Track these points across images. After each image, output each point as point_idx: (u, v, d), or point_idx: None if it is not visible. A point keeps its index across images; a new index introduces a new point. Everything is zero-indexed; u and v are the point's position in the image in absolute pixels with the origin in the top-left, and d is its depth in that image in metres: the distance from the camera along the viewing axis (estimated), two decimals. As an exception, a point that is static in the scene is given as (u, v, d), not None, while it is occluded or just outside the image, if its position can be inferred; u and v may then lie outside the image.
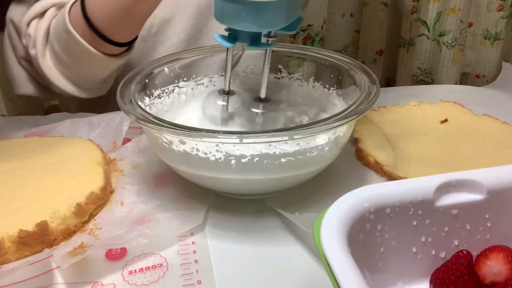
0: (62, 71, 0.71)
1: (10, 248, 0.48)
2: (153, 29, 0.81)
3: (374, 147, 0.64)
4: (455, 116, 0.72)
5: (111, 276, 0.47)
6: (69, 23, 0.66)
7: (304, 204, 0.55)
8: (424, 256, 0.42)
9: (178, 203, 0.55)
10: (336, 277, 0.32)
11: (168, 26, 0.82)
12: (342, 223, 0.37)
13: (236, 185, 0.53)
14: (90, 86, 0.75)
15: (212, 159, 0.49)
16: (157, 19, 0.80)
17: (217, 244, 0.51)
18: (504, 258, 0.40)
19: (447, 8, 1.09)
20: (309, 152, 0.50)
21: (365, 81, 0.56)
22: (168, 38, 0.83)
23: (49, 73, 0.71)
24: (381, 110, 0.75)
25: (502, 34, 1.11)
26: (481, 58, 1.15)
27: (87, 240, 0.50)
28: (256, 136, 0.48)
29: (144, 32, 0.80)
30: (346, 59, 0.62)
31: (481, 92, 0.86)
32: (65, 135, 0.68)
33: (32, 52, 0.70)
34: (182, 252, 0.49)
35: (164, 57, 0.65)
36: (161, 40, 0.82)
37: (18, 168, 0.59)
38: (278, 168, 0.50)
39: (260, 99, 0.59)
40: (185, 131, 0.47)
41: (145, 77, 0.60)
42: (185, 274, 0.46)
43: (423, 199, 0.40)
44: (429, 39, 1.13)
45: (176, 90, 0.65)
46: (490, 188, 0.41)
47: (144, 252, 0.49)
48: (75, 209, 0.51)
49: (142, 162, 0.63)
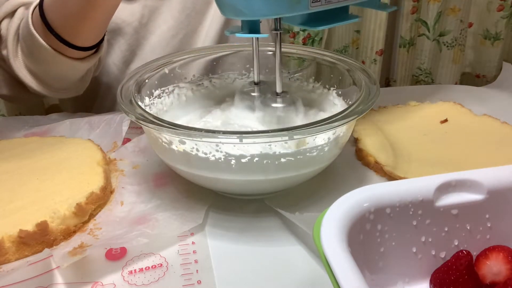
0: (32, 72, 0.69)
1: (10, 248, 0.48)
2: (144, 20, 0.81)
3: (374, 147, 0.64)
4: (455, 116, 0.72)
5: (111, 276, 0.47)
6: (32, 26, 0.64)
7: (304, 204, 0.55)
8: (424, 256, 0.42)
9: (178, 203, 0.55)
10: (336, 277, 0.32)
11: (158, 14, 0.82)
12: (342, 223, 0.37)
13: (236, 185, 0.53)
14: (63, 87, 0.74)
15: (212, 159, 0.49)
16: (147, 8, 0.80)
17: (217, 244, 0.51)
18: (504, 258, 0.40)
19: (447, 8, 1.09)
20: (309, 152, 0.50)
21: (365, 81, 0.56)
22: (158, 26, 0.82)
23: (21, 73, 0.68)
24: (381, 110, 0.75)
25: (502, 34, 1.11)
26: (481, 58, 1.15)
27: (87, 240, 0.50)
28: (256, 136, 0.48)
29: (136, 23, 0.80)
30: (346, 59, 0.62)
31: (481, 92, 0.86)
32: (65, 135, 0.68)
33: (3, 52, 0.69)
34: (182, 252, 0.49)
35: (164, 57, 0.65)
36: (152, 29, 0.82)
37: (18, 168, 0.59)
38: (278, 168, 0.50)
39: (277, 94, 0.58)
40: (185, 131, 0.47)
41: (145, 77, 0.60)
42: (185, 274, 0.46)
43: (423, 199, 0.40)
44: (429, 39, 1.13)
45: (176, 90, 0.65)
46: (490, 188, 0.41)
47: (144, 252, 0.49)
48: (75, 209, 0.51)
49: (142, 162, 0.63)
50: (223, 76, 0.68)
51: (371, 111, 0.72)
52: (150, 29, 0.82)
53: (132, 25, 0.80)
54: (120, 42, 0.81)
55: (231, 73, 0.69)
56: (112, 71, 0.84)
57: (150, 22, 0.81)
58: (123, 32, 0.80)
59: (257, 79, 0.59)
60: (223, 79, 0.68)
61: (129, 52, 0.82)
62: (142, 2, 0.79)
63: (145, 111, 0.51)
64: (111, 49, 0.82)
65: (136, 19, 0.80)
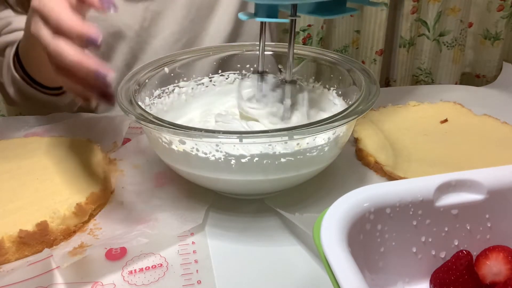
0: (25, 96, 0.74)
1: (10, 248, 0.48)
2: (145, 23, 0.81)
3: (374, 147, 0.64)
4: (455, 116, 0.72)
5: (111, 276, 0.47)
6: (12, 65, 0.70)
7: (304, 204, 0.55)
8: (424, 256, 0.42)
9: (178, 203, 0.55)
10: (336, 277, 0.32)
11: (160, 19, 0.82)
12: (342, 223, 0.37)
13: (236, 185, 0.53)
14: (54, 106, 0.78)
15: (212, 159, 0.49)
16: (149, 12, 0.80)
17: (217, 244, 0.51)
18: (504, 258, 0.40)
19: (447, 8, 1.09)
20: (309, 152, 0.50)
21: (365, 81, 0.56)
22: (161, 30, 0.82)
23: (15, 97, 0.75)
24: (381, 110, 0.75)
25: (502, 34, 1.11)
26: (481, 58, 1.15)
27: (87, 240, 0.50)
28: (256, 136, 0.48)
29: (137, 27, 0.80)
30: (346, 59, 0.62)
31: (481, 92, 0.86)
32: (65, 135, 0.68)
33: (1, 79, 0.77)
34: (182, 252, 0.49)
35: (164, 57, 0.65)
36: (154, 33, 0.82)
37: (18, 168, 0.59)
38: (278, 168, 0.50)
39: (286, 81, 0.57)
40: (185, 131, 0.47)
41: (145, 77, 0.60)
42: (185, 274, 0.46)
43: (423, 199, 0.40)
44: (429, 39, 1.13)
45: (176, 90, 0.65)
46: (490, 188, 0.41)
47: (144, 252, 0.49)
48: (75, 209, 0.51)
49: (142, 162, 0.63)
50: (223, 76, 0.68)
51: (371, 111, 0.72)
52: (152, 33, 0.82)
53: (133, 28, 0.80)
54: (121, 46, 0.81)
55: (231, 73, 0.69)
56: None
57: (153, 26, 0.81)
58: (124, 35, 0.80)
59: (262, 68, 0.59)
60: (223, 79, 0.68)
61: (131, 55, 0.82)
62: (145, 5, 0.79)
63: (145, 111, 0.51)
64: (113, 52, 0.82)
65: (137, 22, 0.80)
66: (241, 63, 0.68)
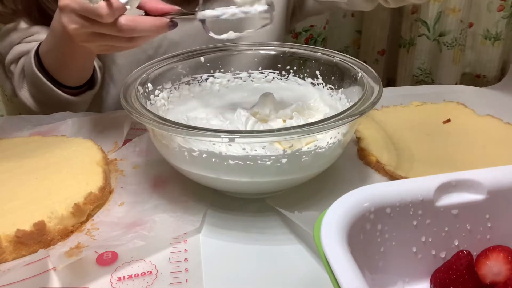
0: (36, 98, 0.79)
1: (7, 248, 0.48)
2: (160, 49, 0.82)
3: (376, 146, 0.64)
4: (458, 116, 0.72)
5: (100, 282, 0.46)
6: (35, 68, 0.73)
7: (305, 203, 0.55)
8: (424, 256, 0.42)
9: (176, 204, 0.55)
10: (336, 277, 0.32)
11: (175, 49, 0.82)
12: (342, 223, 0.37)
13: (237, 185, 0.53)
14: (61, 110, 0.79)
15: (214, 159, 0.49)
16: (166, 40, 0.82)
17: (217, 243, 0.51)
18: (504, 258, 0.40)
19: (447, 8, 1.09)
20: (311, 152, 0.50)
21: (367, 80, 0.56)
22: None
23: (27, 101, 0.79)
24: (383, 110, 0.75)
25: (502, 34, 1.10)
26: (482, 58, 1.15)
27: (84, 240, 0.50)
28: (257, 136, 0.48)
29: (151, 52, 0.82)
30: (349, 59, 0.62)
31: (484, 92, 0.86)
32: (67, 135, 0.68)
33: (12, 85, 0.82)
34: (173, 259, 0.48)
35: (165, 57, 0.65)
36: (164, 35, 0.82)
37: (18, 167, 0.59)
38: (280, 168, 0.50)
39: None
40: (188, 130, 0.47)
41: (148, 77, 0.60)
42: (174, 283, 0.46)
43: (424, 199, 0.40)
44: (429, 39, 1.13)
45: (179, 89, 0.65)
46: (490, 188, 0.41)
47: (135, 258, 0.48)
48: (73, 209, 0.51)
49: (142, 162, 0.63)
50: (223, 74, 0.68)
51: (373, 111, 0.72)
52: None
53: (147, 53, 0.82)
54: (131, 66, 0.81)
55: (232, 73, 0.69)
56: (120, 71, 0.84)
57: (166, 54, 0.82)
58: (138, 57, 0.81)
59: None
60: (225, 76, 0.68)
61: None
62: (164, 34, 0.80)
63: (148, 110, 0.51)
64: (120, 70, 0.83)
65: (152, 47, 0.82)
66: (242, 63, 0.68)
